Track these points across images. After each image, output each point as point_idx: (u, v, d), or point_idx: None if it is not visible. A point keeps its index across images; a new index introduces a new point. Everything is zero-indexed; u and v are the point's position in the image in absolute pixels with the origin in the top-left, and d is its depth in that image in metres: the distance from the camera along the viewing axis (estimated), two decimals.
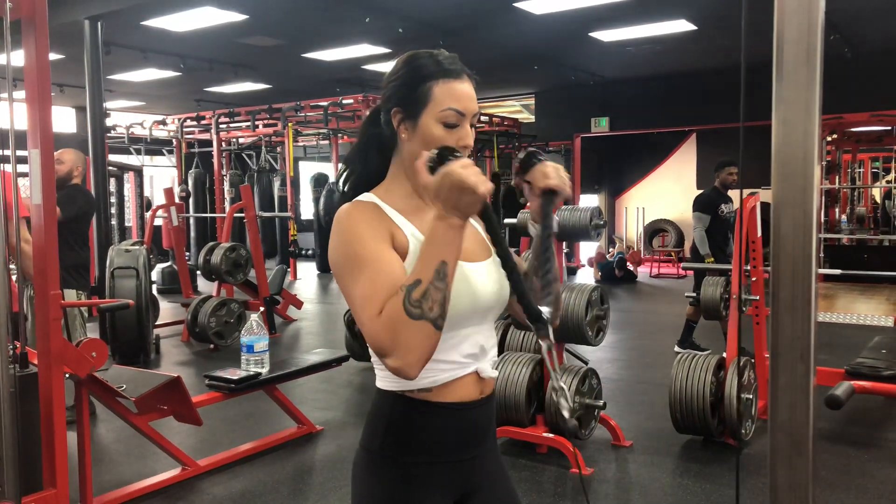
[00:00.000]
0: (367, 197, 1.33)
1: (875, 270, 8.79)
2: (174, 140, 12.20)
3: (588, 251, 12.75)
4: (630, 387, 5.17)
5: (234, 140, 12.67)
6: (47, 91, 2.67)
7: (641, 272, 12.13)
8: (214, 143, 11.33)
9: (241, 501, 3.35)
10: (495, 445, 1.44)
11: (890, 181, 14.27)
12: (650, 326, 7.69)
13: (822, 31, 1.02)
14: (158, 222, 9.00)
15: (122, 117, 12.78)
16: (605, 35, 8.68)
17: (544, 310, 1.27)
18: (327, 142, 11.91)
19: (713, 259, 5.92)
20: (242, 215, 7.41)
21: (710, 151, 13.30)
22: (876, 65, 9.38)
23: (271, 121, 10.83)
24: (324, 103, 9.79)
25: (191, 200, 11.46)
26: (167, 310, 8.31)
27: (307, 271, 12.90)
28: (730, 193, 6.16)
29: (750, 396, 3.98)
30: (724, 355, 4.03)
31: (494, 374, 1.37)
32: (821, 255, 10.53)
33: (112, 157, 9.56)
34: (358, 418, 4.53)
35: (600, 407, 3.79)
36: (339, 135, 11.20)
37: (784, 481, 1.10)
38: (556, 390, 1.23)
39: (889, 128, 11.34)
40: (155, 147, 12.80)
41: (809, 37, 1.02)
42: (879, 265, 9.84)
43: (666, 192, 14.32)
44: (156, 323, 6.80)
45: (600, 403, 3.79)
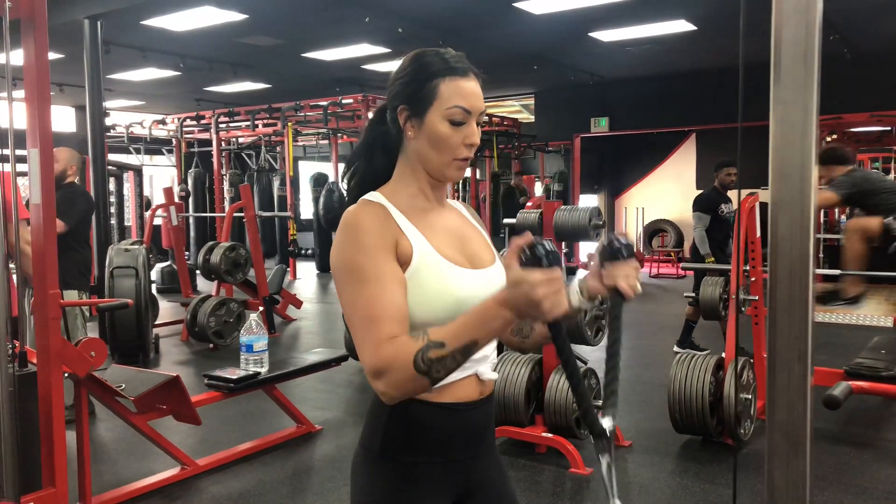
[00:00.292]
0: (376, 197, 1.31)
1: (874, 271, 8.77)
2: (174, 139, 12.20)
3: (588, 251, 12.72)
4: (629, 387, 5.17)
5: (234, 140, 12.67)
6: (46, 90, 2.67)
7: (641, 272, 12.11)
8: (214, 143, 11.33)
9: (240, 501, 3.35)
10: (494, 445, 1.44)
11: None
12: (649, 326, 7.69)
13: (820, 32, 1.02)
14: (158, 222, 8.99)
15: (122, 117, 12.77)
16: (605, 35, 8.67)
17: (606, 424, 1.21)
18: (327, 141, 11.90)
19: (713, 259, 5.92)
20: (242, 215, 7.41)
21: (710, 151, 13.29)
22: (875, 65, 9.37)
23: (271, 120, 10.83)
24: (323, 103, 9.79)
25: (190, 200, 11.45)
26: (166, 309, 8.30)
27: (306, 271, 12.90)
28: (729, 194, 6.17)
29: (749, 396, 3.98)
30: (724, 355, 4.03)
31: (494, 377, 1.37)
32: (820, 256, 10.53)
33: (112, 157, 9.53)
34: (357, 418, 4.53)
35: (599, 407, 3.78)
36: (339, 134, 11.19)
37: (781, 481, 1.10)
38: None
39: (888, 128, 11.33)
40: (154, 146, 12.79)
41: (807, 37, 1.02)
42: (878, 266, 9.82)
43: (665, 193, 14.31)
44: (155, 322, 6.80)
45: (599, 403, 3.79)
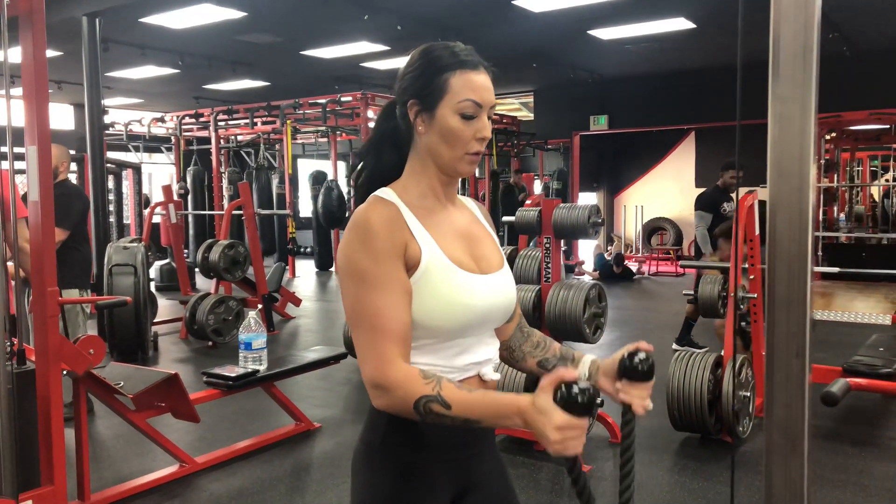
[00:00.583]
0: (388, 195, 1.29)
1: (873, 269, 8.79)
2: (173, 137, 12.18)
3: (587, 249, 12.74)
4: None
5: (233, 137, 12.65)
6: (45, 88, 2.67)
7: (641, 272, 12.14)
8: (213, 141, 11.31)
9: (239, 498, 3.35)
10: (494, 443, 1.44)
11: (888, 180, 14.27)
12: (648, 324, 7.70)
13: (819, 29, 1.02)
14: (157, 219, 8.96)
15: (121, 114, 12.76)
16: (604, 33, 8.67)
17: None
18: (326, 139, 11.90)
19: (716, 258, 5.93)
20: (241, 213, 7.40)
21: (709, 149, 13.30)
22: (875, 63, 9.37)
23: (270, 118, 10.81)
24: (322, 101, 9.78)
25: (189, 198, 11.45)
26: (165, 307, 8.29)
27: (305, 269, 12.89)
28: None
29: (747, 394, 3.98)
30: (722, 353, 4.04)
31: (497, 377, 1.37)
32: (819, 254, 10.54)
33: (110, 155, 9.54)
34: (356, 415, 4.54)
35: (598, 405, 3.79)
36: (338, 132, 11.19)
37: (780, 478, 1.10)
38: None
39: (888, 126, 11.34)
40: (153, 144, 12.79)
41: (806, 35, 1.02)
42: (877, 263, 9.85)
43: (664, 191, 14.31)
44: (154, 320, 6.80)
45: (598, 401, 3.79)
